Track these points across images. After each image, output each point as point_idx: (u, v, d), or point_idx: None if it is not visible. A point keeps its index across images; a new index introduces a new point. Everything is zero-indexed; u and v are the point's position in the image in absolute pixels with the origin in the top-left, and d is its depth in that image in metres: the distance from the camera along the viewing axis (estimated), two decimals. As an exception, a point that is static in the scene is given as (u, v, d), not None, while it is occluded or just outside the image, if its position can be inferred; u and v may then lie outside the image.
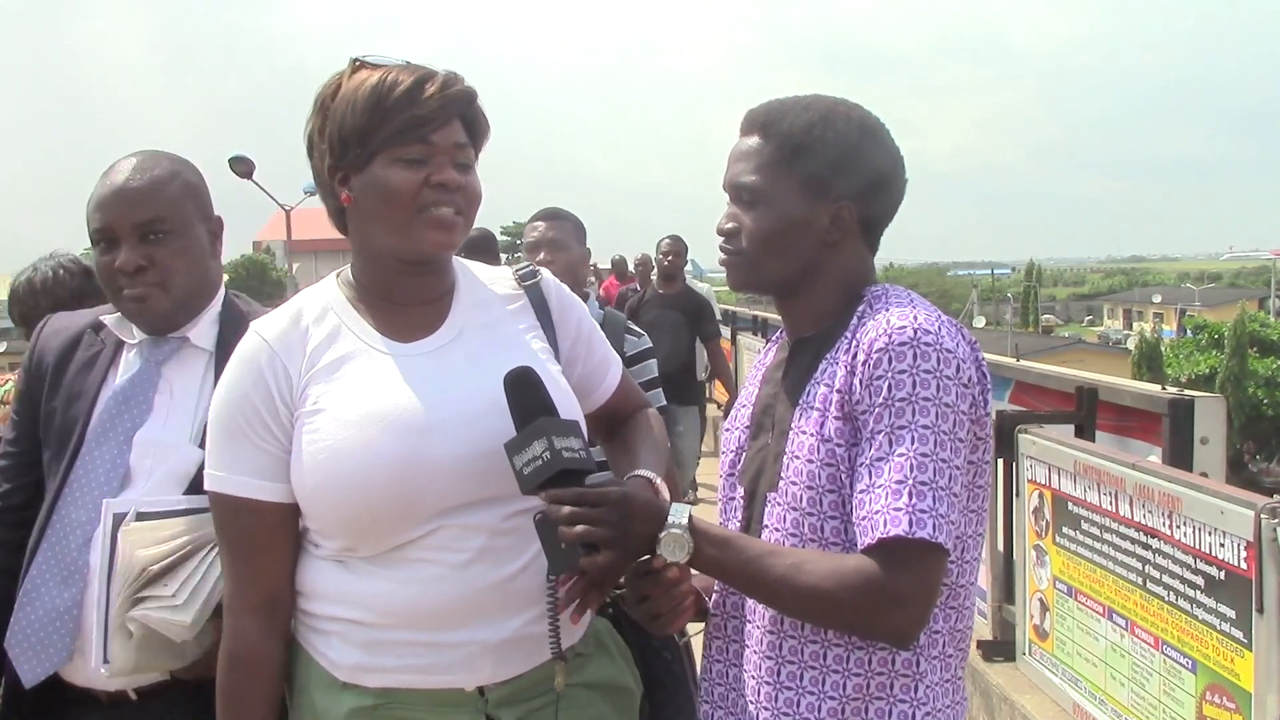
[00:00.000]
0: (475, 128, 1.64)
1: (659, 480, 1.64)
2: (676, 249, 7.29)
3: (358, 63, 1.62)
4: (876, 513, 1.39)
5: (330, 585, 1.62)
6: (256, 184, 25.90)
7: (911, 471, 1.38)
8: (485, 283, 1.74)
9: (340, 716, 1.60)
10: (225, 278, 2.44)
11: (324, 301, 1.68)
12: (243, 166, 25.17)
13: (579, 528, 1.39)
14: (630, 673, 1.77)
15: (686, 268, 7.46)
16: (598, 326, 1.83)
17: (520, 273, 1.77)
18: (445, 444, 1.56)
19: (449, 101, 1.59)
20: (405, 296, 1.66)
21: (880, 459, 1.41)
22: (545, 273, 1.79)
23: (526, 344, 1.69)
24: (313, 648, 1.64)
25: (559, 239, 3.60)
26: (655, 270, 7.62)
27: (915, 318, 1.44)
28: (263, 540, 1.62)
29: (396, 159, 1.57)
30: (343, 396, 1.59)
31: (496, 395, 1.50)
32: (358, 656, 1.60)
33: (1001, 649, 4.11)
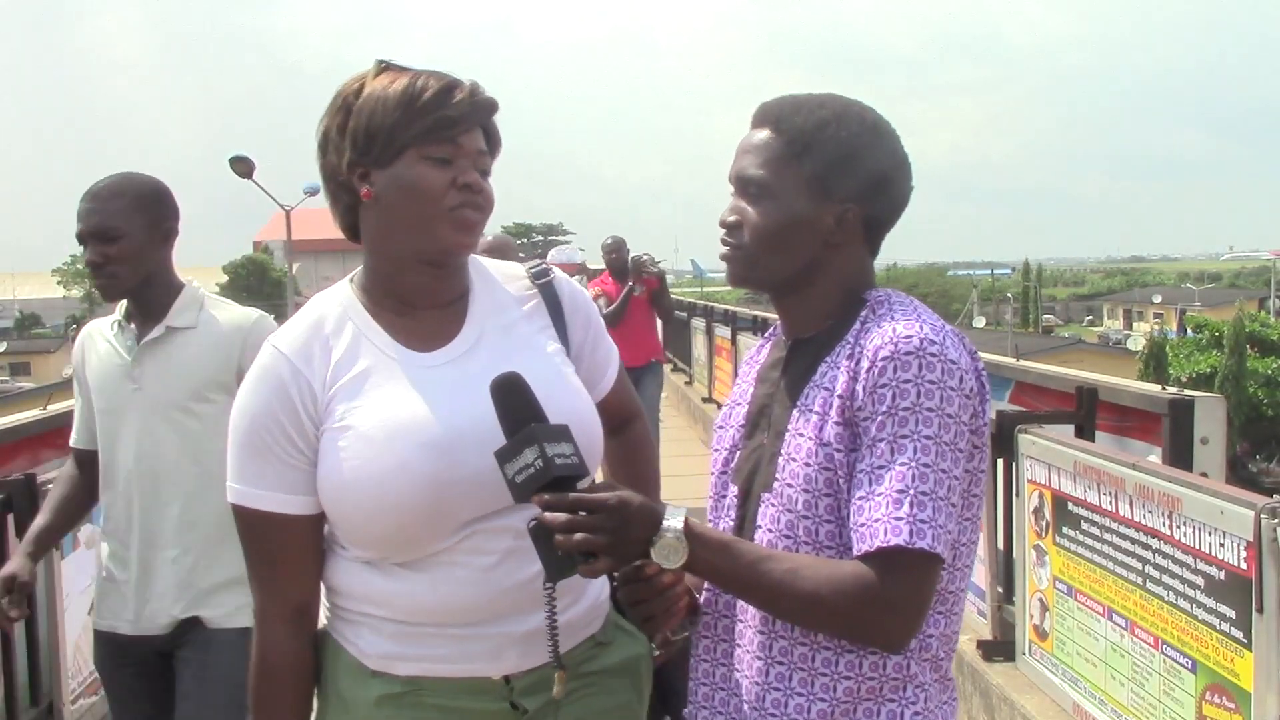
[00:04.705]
0: (492, 139, 1.67)
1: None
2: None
3: (383, 64, 1.64)
4: (876, 521, 1.38)
5: (360, 586, 1.63)
6: (256, 184, 25.90)
7: (913, 481, 1.38)
8: (500, 283, 1.75)
9: (369, 703, 1.63)
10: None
11: (340, 310, 1.67)
12: (243, 166, 25.19)
13: (577, 536, 1.38)
14: (645, 642, 1.79)
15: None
16: (603, 324, 1.86)
17: (533, 271, 1.78)
18: (473, 458, 1.55)
19: (477, 107, 1.62)
20: (421, 299, 1.66)
21: (882, 467, 1.40)
22: (558, 272, 1.80)
23: (542, 347, 1.70)
24: (342, 636, 1.67)
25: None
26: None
27: (921, 328, 1.44)
28: (291, 552, 1.63)
29: (425, 156, 1.58)
30: (369, 414, 1.58)
31: None
32: (387, 646, 1.62)
33: (1001, 649, 4.11)
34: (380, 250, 1.65)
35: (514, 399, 1.46)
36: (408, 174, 1.58)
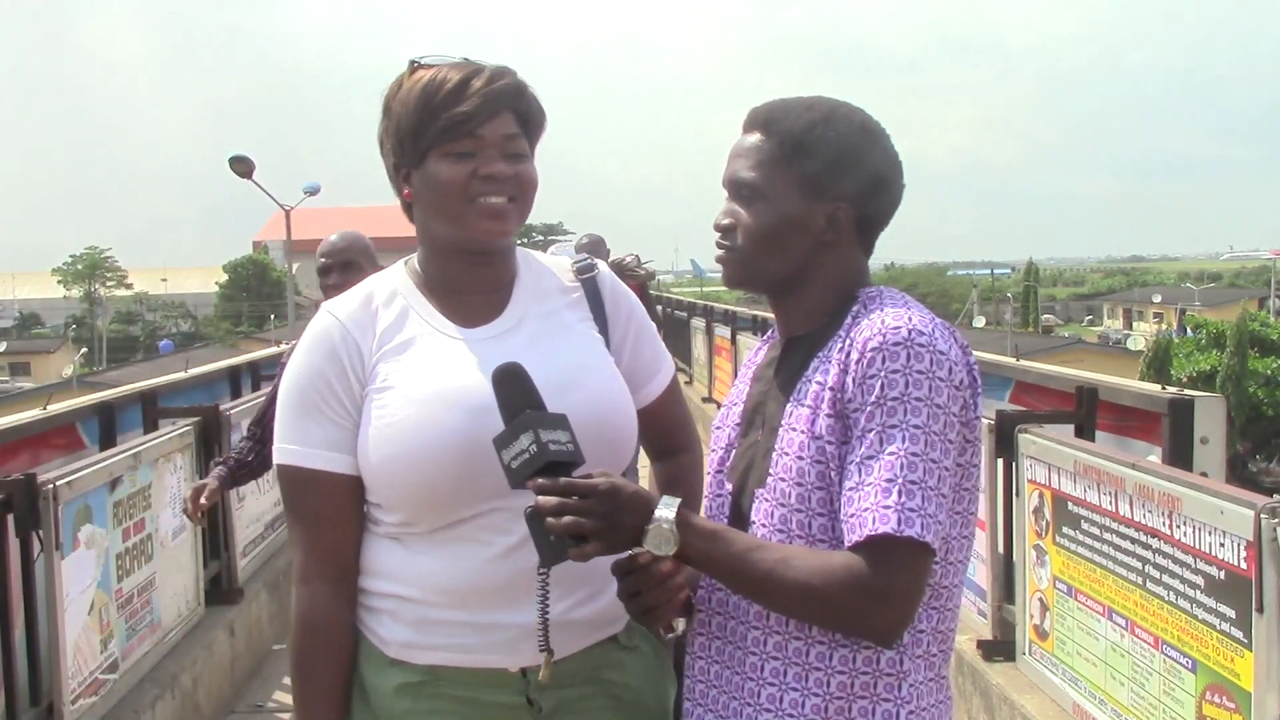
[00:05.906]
0: (528, 118, 1.70)
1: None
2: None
3: (415, 64, 1.69)
4: (865, 510, 1.39)
5: (385, 562, 1.67)
6: (256, 184, 25.92)
7: (901, 470, 1.39)
8: (545, 274, 1.80)
9: (389, 691, 1.66)
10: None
11: (392, 286, 1.74)
12: (243, 166, 25.20)
13: (566, 519, 1.40)
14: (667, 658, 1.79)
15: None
16: (653, 325, 1.88)
17: (577, 266, 1.83)
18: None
19: (494, 96, 1.64)
20: (467, 285, 1.72)
21: (871, 457, 1.41)
22: (601, 266, 1.84)
23: (582, 333, 1.75)
24: (364, 624, 1.70)
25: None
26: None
27: (910, 319, 1.45)
28: (334, 512, 1.67)
29: (447, 154, 1.63)
30: (411, 375, 1.65)
31: (554, 379, 1.54)
32: (406, 634, 1.65)
33: (1001, 649, 4.12)
34: (425, 242, 1.74)
35: (513, 388, 1.49)
36: (432, 173, 1.65)
